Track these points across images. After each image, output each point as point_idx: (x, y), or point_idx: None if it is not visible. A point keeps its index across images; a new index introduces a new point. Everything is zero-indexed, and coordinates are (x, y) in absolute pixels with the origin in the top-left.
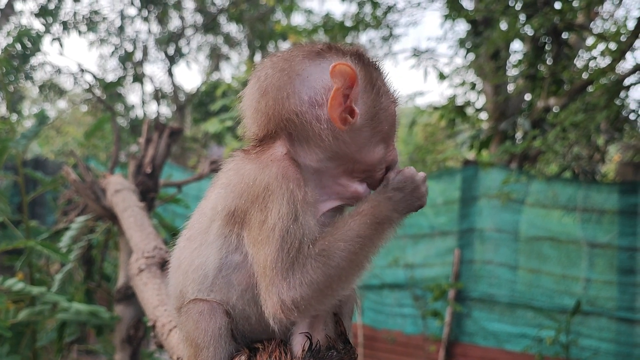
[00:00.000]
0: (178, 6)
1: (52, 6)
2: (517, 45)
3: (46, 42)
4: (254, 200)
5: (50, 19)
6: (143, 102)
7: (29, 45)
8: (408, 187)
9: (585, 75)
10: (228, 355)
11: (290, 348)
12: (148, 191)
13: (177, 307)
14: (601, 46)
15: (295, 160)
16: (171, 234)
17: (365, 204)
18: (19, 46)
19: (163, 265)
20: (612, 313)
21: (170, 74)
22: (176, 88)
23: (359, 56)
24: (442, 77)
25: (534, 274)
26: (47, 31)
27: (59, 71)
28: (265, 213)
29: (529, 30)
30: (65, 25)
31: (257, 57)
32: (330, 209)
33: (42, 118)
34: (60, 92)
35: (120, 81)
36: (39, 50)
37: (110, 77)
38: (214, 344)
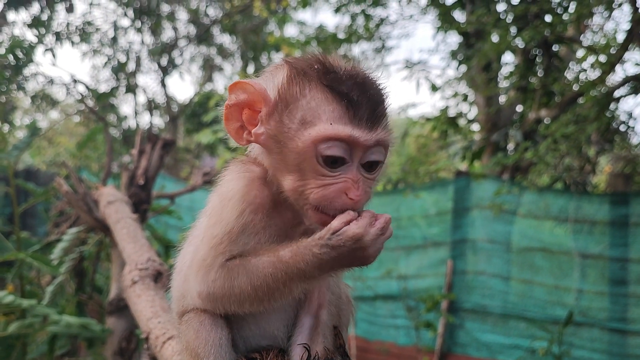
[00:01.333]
0: (171, 17)
1: (45, 17)
2: (508, 58)
3: (39, 53)
4: (216, 205)
5: (43, 30)
6: (136, 113)
7: (21, 56)
8: (347, 247)
9: (575, 87)
10: None
11: (289, 359)
12: (141, 203)
13: (179, 312)
14: (591, 58)
15: (268, 180)
16: (164, 246)
17: (290, 248)
18: (11, 57)
19: (156, 277)
20: (604, 324)
21: (163, 84)
22: (169, 99)
23: (294, 76)
24: (434, 88)
25: (527, 285)
26: (40, 42)
27: (51, 82)
28: (215, 219)
29: (520, 43)
30: (58, 36)
31: (250, 69)
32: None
33: (33, 129)
34: (53, 103)
35: (113, 92)
36: (31, 61)
37: (103, 88)
38: (214, 353)
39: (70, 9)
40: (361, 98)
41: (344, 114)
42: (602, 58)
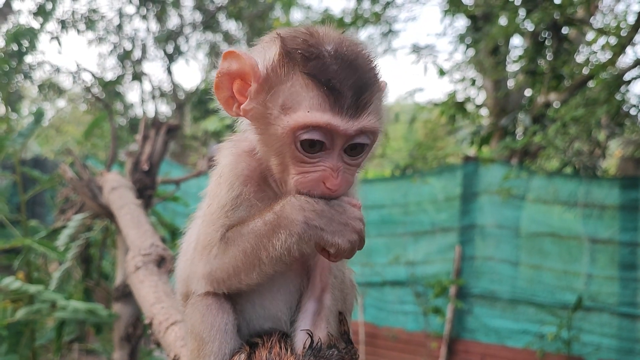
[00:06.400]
0: (177, 4)
1: (50, 5)
2: (516, 41)
3: (45, 41)
4: (212, 184)
5: (48, 17)
6: (142, 101)
7: (25, 43)
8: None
9: (585, 70)
10: (231, 351)
11: (291, 344)
12: (145, 188)
13: (183, 295)
14: (601, 41)
15: (256, 154)
16: (170, 232)
17: (268, 213)
18: (15, 45)
19: (160, 262)
20: (614, 308)
21: (169, 72)
22: (175, 86)
23: (282, 57)
24: (442, 73)
25: (535, 270)
26: (42, 28)
27: (57, 70)
28: (211, 199)
29: (528, 26)
30: (63, 24)
31: None
32: None
33: (38, 116)
34: (60, 91)
35: (119, 80)
36: (34, 48)
37: (109, 76)
38: (219, 338)
39: None
40: (344, 84)
41: (324, 101)
42: (613, 40)
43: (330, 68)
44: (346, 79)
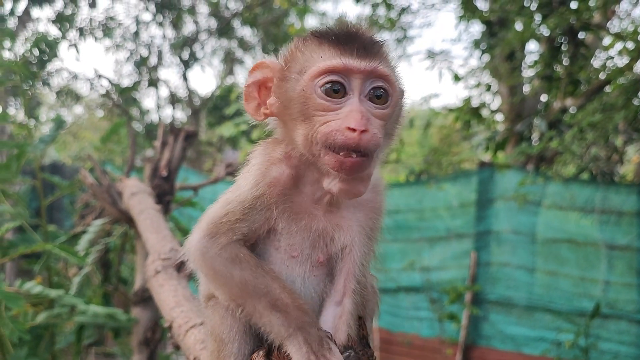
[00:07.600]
0: (192, 11)
1: (68, 13)
2: (532, 46)
3: (63, 48)
4: (239, 178)
5: (66, 25)
6: (158, 107)
7: (46, 50)
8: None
9: (602, 75)
10: (250, 352)
11: None
12: (164, 194)
13: (206, 296)
14: (618, 45)
15: (290, 156)
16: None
17: (291, 297)
18: (36, 52)
19: (179, 267)
20: (632, 316)
21: (185, 78)
22: (191, 92)
23: (296, 42)
24: (457, 78)
25: (552, 277)
26: (64, 36)
27: (75, 77)
28: (234, 188)
29: (544, 31)
30: (81, 32)
31: None
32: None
33: (58, 122)
34: (77, 98)
35: (135, 86)
36: (55, 55)
37: (126, 82)
38: (239, 340)
39: (93, 5)
40: (351, 37)
41: (335, 50)
42: (630, 45)
43: (337, 30)
44: (352, 34)
